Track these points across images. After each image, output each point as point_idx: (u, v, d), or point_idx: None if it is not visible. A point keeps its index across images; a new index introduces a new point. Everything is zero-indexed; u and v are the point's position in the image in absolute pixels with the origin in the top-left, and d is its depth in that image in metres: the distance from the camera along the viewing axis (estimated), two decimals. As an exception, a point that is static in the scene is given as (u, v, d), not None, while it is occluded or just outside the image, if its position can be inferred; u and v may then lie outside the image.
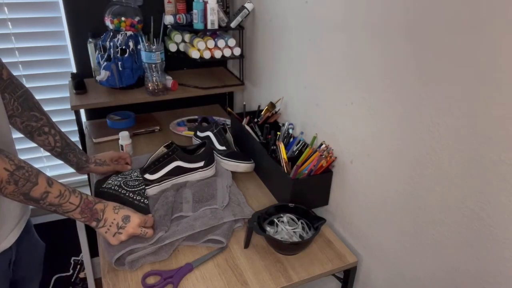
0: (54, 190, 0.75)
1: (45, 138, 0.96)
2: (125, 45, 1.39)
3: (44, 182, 0.73)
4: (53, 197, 0.75)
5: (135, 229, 0.86)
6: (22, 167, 0.71)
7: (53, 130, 0.97)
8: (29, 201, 0.73)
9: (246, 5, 1.38)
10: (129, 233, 0.85)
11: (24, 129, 0.94)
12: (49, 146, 0.98)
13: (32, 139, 0.96)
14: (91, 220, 0.82)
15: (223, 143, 1.25)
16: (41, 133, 0.95)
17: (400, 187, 0.82)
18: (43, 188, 0.73)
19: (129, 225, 0.85)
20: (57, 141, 0.98)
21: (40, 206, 0.75)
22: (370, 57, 0.84)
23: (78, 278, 1.88)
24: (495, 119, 0.60)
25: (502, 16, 0.56)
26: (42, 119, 0.95)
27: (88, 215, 0.81)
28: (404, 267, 0.86)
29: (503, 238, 0.62)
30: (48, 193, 0.74)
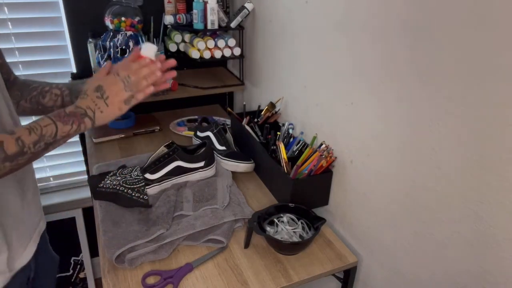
0: (22, 132, 0.67)
1: (50, 94, 0.90)
2: (125, 45, 1.39)
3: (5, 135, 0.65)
4: (27, 136, 0.67)
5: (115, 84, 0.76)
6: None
7: (53, 84, 0.91)
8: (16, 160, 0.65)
9: (246, 5, 1.38)
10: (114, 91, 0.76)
11: (31, 104, 0.89)
12: (56, 96, 0.90)
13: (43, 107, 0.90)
14: (81, 120, 0.73)
15: (223, 143, 1.25)
16: (44, 93, 0.89)
17: (400, 187, 0.82)
18: (10, 139, 0.65)
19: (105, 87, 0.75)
20: (61, 87, 0.91)
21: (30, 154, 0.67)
22: (370, 57, 0.84)
23: (78, 278, 1.88)
24: (495, 119, 0.60)
25: (503, 16, 0.56)
26: (41, 85, 0.90)
27: (72, 118, 0.72)
28: (404, 267, 0.86)
29: (503, 238, 0.62)
30: (20, 138, 0.66)
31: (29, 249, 0.83)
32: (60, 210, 1.74)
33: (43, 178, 1.75)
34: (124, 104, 0.77)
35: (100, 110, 0.75)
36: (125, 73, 0.77)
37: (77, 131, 0.73)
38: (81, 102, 0.75)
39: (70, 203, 1.76)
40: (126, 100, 0.77)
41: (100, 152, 1.34)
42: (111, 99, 0.76)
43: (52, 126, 0.70)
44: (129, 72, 0.78)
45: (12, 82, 0.89)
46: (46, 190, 1.79)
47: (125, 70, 0.78)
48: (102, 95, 0.75)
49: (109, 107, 0.76)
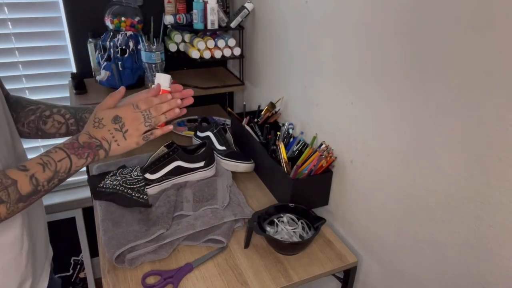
0: (35, 168, 0.62)
1: (52, 121, 0.84)
2: (125, 45, 1.39)
3: (18, 173, 0.61)
4: (42, 173, 0.63)
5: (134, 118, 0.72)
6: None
7: (54, 109, 0.85)
8: (29, 200, 0.62)
9: (246, 5, 1.38)
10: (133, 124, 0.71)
11: (29, 129, 0.84)
12: (59, 124, 0.84)
13: (44, 133, 0.85)
14: (96, 152, 0.69)
15: (223, 143, 1.25)
16: (45, 120, 0.83)
17: (400, 187, 0.82)
18: (24, 178, 0.61)
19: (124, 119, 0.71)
20: (65, 114, 0.84)
21: (44, 192, 0.64)
22: (371, 57, 0.84)
23: (78, 278, 1.88)
24: (495, 119, 0.60)
25: (503, 15, 0.56)
26: (39, 107, 0.84)
27: (87, 151, 0.68)
28: (404, 267, 0.86)
29: (503, 238, 0.62)
30: (33, 175, 0.61)
31: (44, 277, 0.82)
32: (60, 210, 1.74)
33: (43, 178, 1.75)
34: (142, 139, 0.73)
35: (117, 143, 0.71)
36: (146, 106, 0.73)
37: (89, 163, 0.70)
38: (97, 132, 0.70)
39: (70, 203, 1.76)
40: (145, 135, 0.73)
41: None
42: (130, 132, 0.71)
43: (67, 161, 0.66)
44: (150, 106, 0.73)
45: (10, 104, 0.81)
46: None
47: (146, 104, 0.73)
48: (121, 128, 0.71)
49: (127, 140, 0.71)
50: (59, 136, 0.86)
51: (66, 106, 0.86)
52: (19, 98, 0.85)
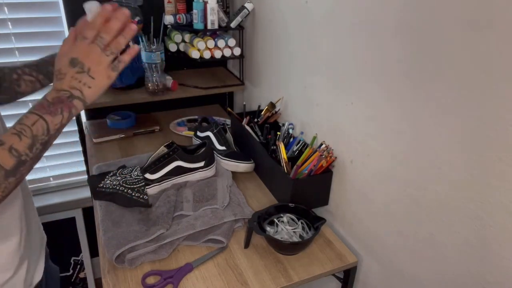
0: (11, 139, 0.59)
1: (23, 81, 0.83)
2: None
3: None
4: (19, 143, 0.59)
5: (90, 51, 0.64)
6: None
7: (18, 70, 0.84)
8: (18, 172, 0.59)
9: (246, 5, 1.38)
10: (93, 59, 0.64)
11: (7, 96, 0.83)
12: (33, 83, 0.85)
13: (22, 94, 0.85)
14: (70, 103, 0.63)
15: (223, 143, 1.25)
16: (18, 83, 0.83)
17: (400, 187, 0.82)
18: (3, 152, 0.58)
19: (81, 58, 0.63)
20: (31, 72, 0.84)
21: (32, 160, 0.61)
22: (371, 56, 0.84)
23: (78, 278, 1.88)
24: (495, 119, 0.60)
25: (503, 15, 0.56)
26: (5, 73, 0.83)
27: (60, 105, 0.62)
28: (404, 267, 0.86)
29: (503, 238, 0.62)
30: (11, 147, 0.58)
31: (41, 262, 0.84)
32: (60, 210, 1.74)
33: (43, 178, 1.75)
34: (111, 70, 0.65)
35: (87, 86, 0.64)
36: (93, 32, 0.64)
37: (70, 117, 0.64)
38: (61, 84, 0.63)
39: (70, 203, 1.76)
40: (112, 65, 0.65)
41: (100, 152, 1.34)
42: (94, 69, 0.64)
43: (41, 122, 0.61)
44: (97, 30, 0.64)
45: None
46: (46, 190, 1.79)
47: (91, 30, 0.64)
48: (83, 68, 0.63)
49: (96, 79, 0.64)
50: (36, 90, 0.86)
51: (26, 65, 0.86)
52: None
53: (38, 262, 0.83)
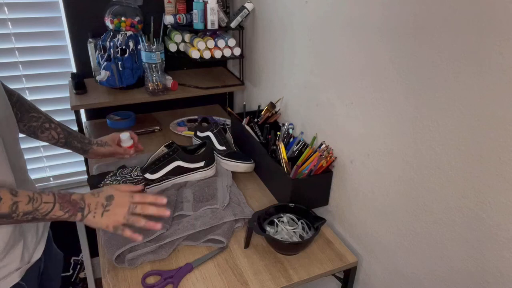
0: (22, 198, 0.68)
1: (48, 134, 0.98)
2: (125, 45, 1.39)
3: (7, 194, 0.66)
4: (24, 205, 0.68)
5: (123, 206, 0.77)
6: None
7: (53, 124, 0.99)
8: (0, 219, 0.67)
9: (246, 5, 1.38)
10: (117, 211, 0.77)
11: (27, 131, 0.96)
12: (53, 139, 1.00)
13: (37, 138, 0.98)
14: (75, 212, 0.74)
15: (223, 143, 1.25)
16: (43, 130, 0.98)
17: (400, 187, 0.82)
18: (9, 200, 0.66)
19: (115, 202, 0.76)
20: (59, 133, 1.00)
21: (15, 220, 0.68)
22: (371, 57, 0.84)
23: (78, 278, 1.88)
24: (495, 119, 0.60)
25: (502, 14, 0.56)
26: (41, 117, 0.97)
27: (70, 207, 0.73)
28: (404, 267, 0.86)
29: (503, 238, 0.62)
30: (17, 202, 0.67)
31: (41, 242, 0.86)
32: (60, 210, 1.74)
33: (43, 178, 1.75)
34: (112, 228, 0.77)
35: (93, 216, 0.75)
36: (139, 200, 0.79)
37: (65, 219, 0.74)
38: (88, 197, 0.76)
39: (70, 203, 1.75)
40: (117, 226, 0.77)
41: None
42: (109, 215, 0.76)
43: (50, 206, 0.71)
44: (143, 202, 0.79)
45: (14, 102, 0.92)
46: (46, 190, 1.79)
47: (140, 198, 0.79)
48: (106, 206, 0.76)
49: (102, 219, 0.76)
50: (47, 142, 1.00)
51: (61, 126, 1.01)
52: (22, 99, 0.95)
53: (39, 241, 0.86)
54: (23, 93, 1.53)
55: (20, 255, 0.78)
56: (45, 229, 0.91)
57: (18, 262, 0.78)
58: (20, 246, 0.78)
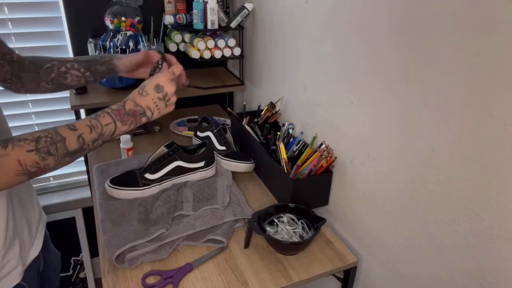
0: (83, 129, 0.69)
1: (70, 76, 0.92)
2: (125, 45, 1.39)
3: (68, 132, 0.68)
4: (89, 135, 0.69)
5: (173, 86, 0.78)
6: (39, 137, 0.65)
7: (68, 63, 0.91)
8: (75, 155, 0.69)
9: (246, 5, 1.38)
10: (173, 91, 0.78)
11: (53, 85, 0.91)
12: (78, 78, 0.93)
13: (67, 87, 0.93)
14: (139, 119, 0.75)
15: (223, 143, 1.25)
16: (63, 75, 0.91)
17: (400, 187, 0.82)
18: (73, 136, 0.68)
19: (166, 88, 0.77)
20: (79, 68, 0.92)
21: (88, 150, 0.71)
22: (371, 57, 0.84)
23: (78, 278, 1.88)
24: (495, 119, 0.60)
25: (502, 15, 0.56)
26: (54, 64, 0.90)
27: (131, 118, 0.74)
28: (404, 267, 0.86)
29: (503, 238, 0.62)
30: (81, 135, 0.69)
31: (38, 239, 0.87)
32: (60, 210, 1.74)
33: (43, 178, 1.75)
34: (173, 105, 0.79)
35: (159, 111, 0.77)
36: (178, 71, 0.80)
37: (131, 130, 0.76)
38: (142, 100, 0.75)
39: (70, 203, 1.76)
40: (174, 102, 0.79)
41: (100, 152, 1.34)
42: (172, 100, 0.78)
43: (112, 126, 0.72)
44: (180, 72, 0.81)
45: (19, 63, 0.86)
46: (46, 190, 1.79)
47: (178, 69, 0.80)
48: (164, 97, 0.77)
49: (167, 108, 0.78)
50: (80, 85, 0.96)
51: (76, 60, 0.93)
52: (34, 58, 0.90)
53: (35, 238, 0.86)
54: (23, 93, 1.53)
55: (18, 253, 0.78)
56: (40, 225, 0.90)
57: (16, 260, 0.78)
58: (16, 243, 0.78)
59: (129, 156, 1.27)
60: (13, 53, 0.85)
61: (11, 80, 0.85)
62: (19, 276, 0.78)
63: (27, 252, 0.82)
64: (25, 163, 0.63)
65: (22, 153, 0.63)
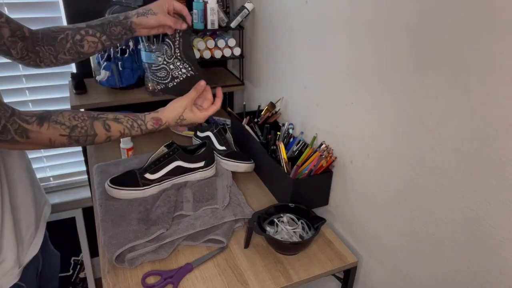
0: (115, 133, 0.76)
1: (87, 42, 0.89)
2: (125, 45, 1.39)
3: (102, 130, 0.74)
4: (115, 137, 0.77)
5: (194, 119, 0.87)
6: (75, 126, 0.71)
7: (82, 30, 0.88)
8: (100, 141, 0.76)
9: (246, 5, 1.38)
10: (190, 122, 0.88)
11: (71, 55, 0.89)
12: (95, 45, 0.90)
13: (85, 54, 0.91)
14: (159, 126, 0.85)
15: (223, 143, 1.25)
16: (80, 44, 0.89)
17: (400, 187, 0.82)
18: (104, 136, 0.75)
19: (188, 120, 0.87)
20: (94, 34, 0.88)
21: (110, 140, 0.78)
22: (370, 57, 0.84)
23: (78, 278, 1.88)
24: (495, 119, 0.60)
25: (502, 15, 0.56)
26: (68, 34, 0.87)
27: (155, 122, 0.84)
28: (404, 267, 0.86)
29: (503, 238, 0.62)
30: (110, 137, 0.76)
31: (37, 239, 0.86)
32: (60, 210, 1.74)
33: (43, 178, 1.75)
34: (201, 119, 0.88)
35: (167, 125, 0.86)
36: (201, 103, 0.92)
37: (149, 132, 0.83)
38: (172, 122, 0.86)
39: (70, 203, 1.76)
40: None
41: (100, 152, 1.34)
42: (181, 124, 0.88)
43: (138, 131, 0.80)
44: None
45: (32, 38, 0.84)
46: (46, 190, 1.79)
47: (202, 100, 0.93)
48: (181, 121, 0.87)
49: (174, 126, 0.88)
50: (98, 52, 0.97)
51: (89, 25, 0.89)
52: (45, 30, 0.87)
53: (34, 236, 0.86)
54: (23, 93, 1.53)
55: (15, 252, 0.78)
56: (39, 224, 0.90)
57: (14, 259, 0.78)
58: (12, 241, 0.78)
59: (129, 156, 1.27)
60: (23, 28, 0.82)
61: (28, 56, 0.85)
62: (17, 276, 0.78)
63: (25, 251, 0.82)
64: (55, 142, 0.69)
65: (55, 134, 0.69)
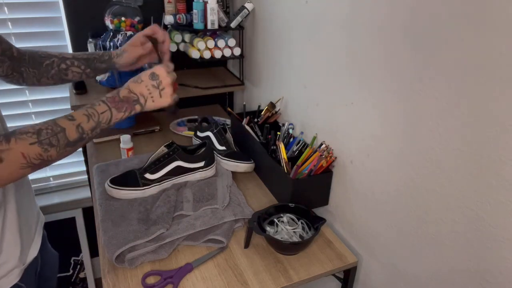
0: (81, 118, 0.71)
1: (71, 73, 0.94)
2: (125, 45, 1.39)
3: (67, 122, 0.69)
4: (86, 123, 0.71)
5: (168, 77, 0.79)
6: (40, 129, 0.66)
7: (68, 61, 0.93)
8: (76, 145, 0.71)
9: (246, 5, 1.38)
10: (168, 82, 0.79)
11: (54, 81, 0.93)
12: (79, 75, 0.95)
13: (68, 81, 0.95)
14: (132, 106, 0.77)
15: (223, 143, 1.25)
16: (64, 72, 0.93)
17: (400, 187, 0.82)
18: (72, 126, 0.69)
19: (161, 77, 0.78)
20: (79, 65, 0.94)
21: (88, 139, 0.73)
22: (370, 57, 0.84)
23: (78, 278, 1.88)
24: (495, 119, 0.60)
25: (503, 15, 0.56)
26: (54, 60, 0.91)
27: (126, 105, 0.76)
28: (404, 267, 0.86)
29: (503, 238, 0.62)
30: (79, 124, 0.70)
31: (36, 240, 0.87)
32: (60, 210, 1.74)
33: (43, 178, 1.75)
34: (172, 99, 0.80)
35: (152, 99, 0.78)
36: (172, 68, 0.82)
37: (126, 116, 0.77)
38: (135, 87, 0.77)
39: (70, 203, 1.76)
40: (175, 96, 0.80)
41: (100, 152, 1.34)
42: (166, 90, 0.79)
43: (108, 113, 0.74)
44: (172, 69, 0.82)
45: (19, 58, 0.87)
46: (46, 190, 1.79)
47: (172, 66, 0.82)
48: (158, 85, 0.78)
49: (162, 98, 0.79)
50: (81, 80, 0.98)
51: (75, 57, 0.94)
52: (33, 54, 0.91)
53: (34, 238, 0.87)
54: (22, 92, 1.53)
55: (18, 253, 0.78)
56: (39, 226, 0.91)
57: (16, 261, 0.78)
58: (15, 243, 0.78)
59: (129, 156, 1.27)
60: (12, 48, 0.86)
61: (13, 75, 0.87)
62: (17, 276, 0.78)
63: (26, 253, 0.82)
64: (29, 155, 0.64)
65: (25, 146, 0.64)
